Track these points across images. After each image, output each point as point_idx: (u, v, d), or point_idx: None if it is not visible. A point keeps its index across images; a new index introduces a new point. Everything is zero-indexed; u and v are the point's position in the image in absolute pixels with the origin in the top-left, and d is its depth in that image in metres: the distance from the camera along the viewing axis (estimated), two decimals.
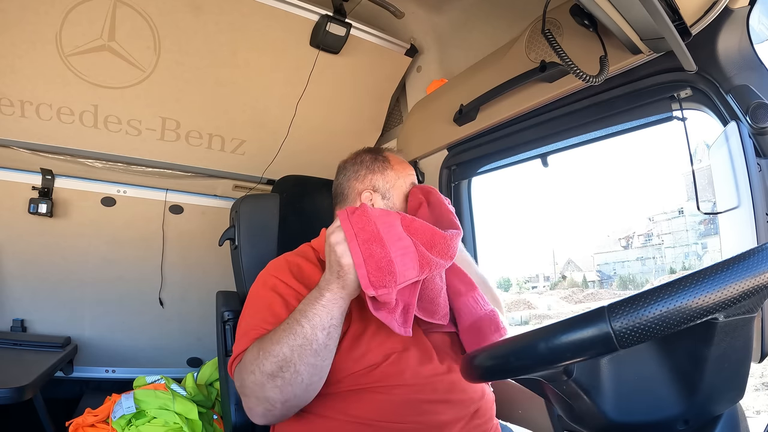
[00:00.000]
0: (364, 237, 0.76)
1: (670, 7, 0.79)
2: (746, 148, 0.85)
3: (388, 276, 0.75)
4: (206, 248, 2.00)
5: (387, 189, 1.07)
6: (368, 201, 1.06)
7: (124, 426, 1.36)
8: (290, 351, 0.76)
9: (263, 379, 0.77)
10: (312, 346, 0.76)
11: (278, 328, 0.79)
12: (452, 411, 0.86)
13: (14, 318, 1.78)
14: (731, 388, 0.55)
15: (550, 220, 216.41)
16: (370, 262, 0.75)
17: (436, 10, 1.65)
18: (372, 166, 1.10)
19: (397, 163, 1.12)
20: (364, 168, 1.10)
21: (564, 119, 1.23)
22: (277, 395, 0.77)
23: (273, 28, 1.46)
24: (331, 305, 0.77)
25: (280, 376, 0.76)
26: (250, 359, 0.80)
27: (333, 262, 0.78)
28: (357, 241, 0.76)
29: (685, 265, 21.31)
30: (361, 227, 0.77)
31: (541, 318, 15.11)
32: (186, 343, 2.10)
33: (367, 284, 0.74)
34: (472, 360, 0.59)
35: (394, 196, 1.07)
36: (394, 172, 1.09)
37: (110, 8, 1.30)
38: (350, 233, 0.77)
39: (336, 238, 0.78)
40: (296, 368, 0.76)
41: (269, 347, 0.77)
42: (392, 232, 0.79)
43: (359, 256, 0.75)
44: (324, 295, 0.78)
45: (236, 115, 1.68)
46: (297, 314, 0.78)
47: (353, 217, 0.78)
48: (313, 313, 0.77)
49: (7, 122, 1.47)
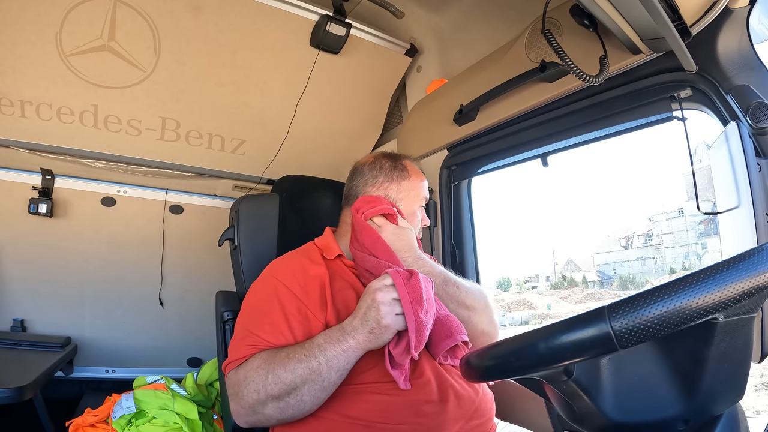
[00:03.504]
0: (416, 305, 0.79)
1: (670, 7, 0.79)
2: (746, 148, 0.85)
3: (423, 341, 0.80)
4: (206, 248, 2.00)
5: (399, 198, 1.08)
6: None
7: (124, 426, 1.36)
8: (301, 382, 0.79)
9: (266, 399, 0.80)
10: (323, 383, 0.79)
11: (292, 354, 0.80)
12: (451, 411, 0.86)
13: (14, 318, 1.78)
14: (731, 388, 0.55)
15: (550, 220, 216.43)
16: (419, 330, 0.79)
17: (436, 10, 1.65)
18: (391, 174, 1.10)
19: (414, 173, 1.12)
20: (383, 175, 1.10)
21: (564, 119, 1.23)
22: (276, 414, 0.81)
23: (273, 28, 1.46)
24: (351, 352, 0.80)
25: (285, 400, 0.80)
26: (254, 377, 0.81)
27: (371, 317, 0.79)
28: (412, 308, 0.79)
29: (685, 265, 21.30)
30: (415, 295, 0.80)
31: (541, 318, 15.11)
32: (186, 343, 2.10)
33: (412, 350, 0.79)
34: (472, 360, 0.59)
35: (403, 206, 1.08)
36: (410, 182, 1.10)
37: (110, 8, 1.30)
38: (406, 299, 0.79)
39: (383, 297, 0.79)
40: (302, 397, 0.79)
41: (281, 374, 0.79)
42: (431, 300, 0.83)
43: (413, 324, 0.78)
44: (348, 341, 0.79)
45: (236, 115, 1.68)
46: (315, 349, 0.80)
47: (410, 285, 0.81)
48: (332, 354, 0.79)
49: (7, 122, 1.47)
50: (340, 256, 1.03)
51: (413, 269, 0.85)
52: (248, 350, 0.86)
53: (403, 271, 0.83)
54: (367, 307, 0.80)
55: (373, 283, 0.83)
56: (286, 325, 0.87)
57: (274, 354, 0.83)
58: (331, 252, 1.02)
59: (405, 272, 0.83)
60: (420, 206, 1.12)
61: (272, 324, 0.87)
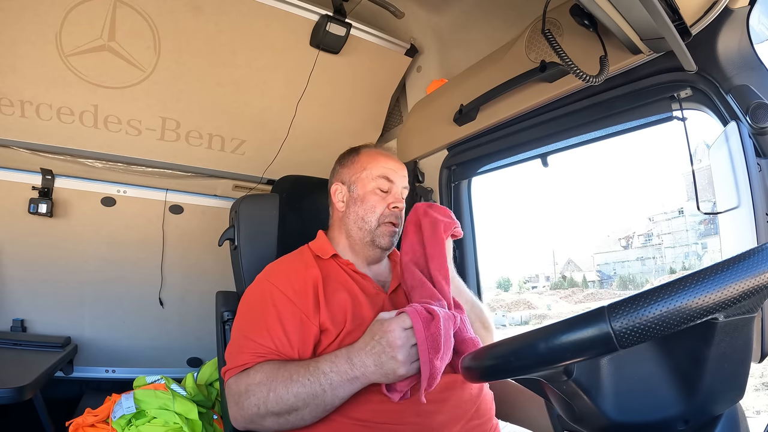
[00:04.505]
0: (433, 353, 0.76)
1: (670, 7, 0.79)
2: (746, 148, 0.85)
3: (434, 385, 0.77)
4: (206, 248, 2.00)
5: (353, 181, 1.08)
6: (336, 194, 1.09)
7: (124, 426, 1.36)
8: (303, 405, 0.79)
9: (266, 414, 0.80)
10: (325, 407, 0.80)
11: (296, 376, 0.80)
12: (451, 411, 0.86)
13: (14, 318, 1.78)
14: (731, 388, 0.55)
15: (550, 220, 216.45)
16: (432, 377, 0.76)
17: (436, 10, 1.65)
18: (342, 160, 1.13)
19: (367, 155, 1.10)
20: (338, 164, 1.14)
21: (564, 119, 1.23)
22: (275, 427, 0.82)
23: (273, 28, 1.46)
24: (358, 384, 0.79)
25: (285, 418, 0.80)
26: (256, 392, 0.81)
27: (385, 362, 0.76)
28: (428, 357, 0.76)
29: (685, 265, 21.31)
30: (433, 343, 0.77)
31: (541, 318, 15.11)
32: (186, 343, 2.10)
33: (422, 397, 0.76)
34: (472, 360, 0.59)
35: (358, 187, 1.07)
36: (360, 164, 1.08)
37: (110, 8, 1.30)
38: (424, 348, 0.76)
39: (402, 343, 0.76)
40: (303, 416, 0.80)
41: (282, 394, 0.79)
42: (449, 341, 0.81)
43: (427, 373, 0.76)
44: (357, 377, 0.78)
45: (236, 115, 1.68)
46: (321, 376, 0.79)
47: (430, 332, 0.77)
48: (338, 383, 0.79)
49: (7, 122, 1.47)
50: (335, 256, 1.03)
51: (434, 309, 0.81)
52: (247, 358, 0.86)
53: (425, 314, 0.79)
54: (381, 350, 0.77)
55: (391, 323, 0.79)
56: (281, 330, 0.87)
57: (276, 370, 0.82)
58: (326, 252, 1.03)
59: (426, 314, 0.79)
60: (377, 186, 1.05)
61: (268, 329, 0.87)
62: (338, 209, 1.09)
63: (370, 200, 1.05)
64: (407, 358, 0.76)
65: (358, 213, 1.05)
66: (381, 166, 1.07)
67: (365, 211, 1.04)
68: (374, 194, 1.05)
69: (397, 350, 0.76)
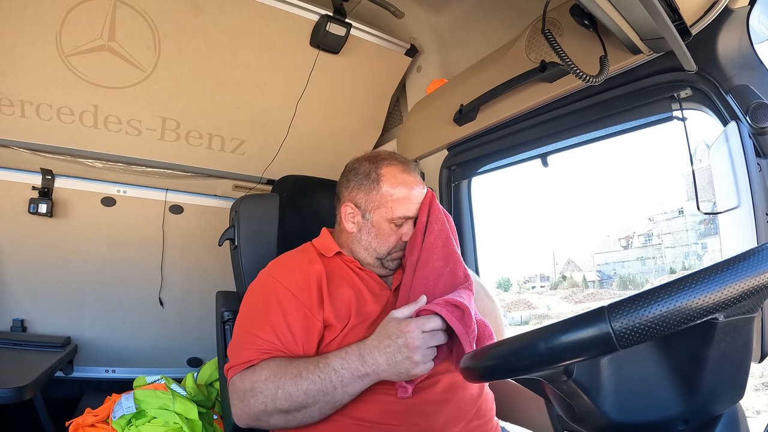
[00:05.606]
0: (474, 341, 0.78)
1: (670, 7, 0.79)
2: (746, 148, 0.85)
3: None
4: (206, 248, 2.00)
5: (369, 209, 1.00)
6: (347, 215, 1.02)
7: (124, 426, 1.36)
8: (313, 402, 0.79)
9: (273, 411, 0.80)
10: (335, 404, 0.80)
11: (305, 373, 0.80)
12: (452, 412, 0.86)
13: (14, 318, 1.78)
14: (731, 388, 0.55)
15: (550, 220, 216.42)
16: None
17: (436, 10, 1.65)
18: (358, 177, 1.02)
19: (389, 183, 0.99)
20: (352, 178, 1.03)
21: (564, 119, 1.23)
22: (281, 424, 0.81)
23: (273, 28, 1.46)
24: (368, 382, 0.80)
25: (293, 415, 0.80)
26: (263, 389, 0.80)
27: (400, 362, 0.77)
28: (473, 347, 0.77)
29: (685, 265, 21.32)
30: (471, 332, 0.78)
31: (541, 318, 15.11)
32: (186, 343, 2.10)
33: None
34: (472, 360, 0.59)
35: (374, 216, 0.99)
36: (381, 196, 0.99)
37: (110, 8, 1.30)
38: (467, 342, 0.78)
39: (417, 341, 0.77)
40: (311, 413, 0.80)
41: (292, 391, 0.79)
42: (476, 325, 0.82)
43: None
44: (368, 374, 0.79)
45: (236, 115, 1.68)
46: (331, 372, 0.79)
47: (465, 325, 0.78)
48: (348, 379, 0.79)
49: (7, 122, 1.47)
50: (339, 254, 1.03)
51: (459, 302, 0.81)
52: (251, 354, 0.85)
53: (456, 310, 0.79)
54: (397, 350, 0.77)
55: (410, 324, 0.78)
56: (285, 326, 0.87)
57: (284, 367, 0.82)
58: (330, 250, 1.02)
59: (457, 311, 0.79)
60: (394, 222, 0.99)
61: (272, 325, 0.87)
62: (347, 230, 1.03)
63: (384, 231, 0.99)
64: (423, 359, 0.77)
65: (370, 242, 1.00)
66: (404, 206, 0.98)
67: (378, 242, 1.00)
68: (389, 226, 0.99)
69: (414, 351, 0.77)
